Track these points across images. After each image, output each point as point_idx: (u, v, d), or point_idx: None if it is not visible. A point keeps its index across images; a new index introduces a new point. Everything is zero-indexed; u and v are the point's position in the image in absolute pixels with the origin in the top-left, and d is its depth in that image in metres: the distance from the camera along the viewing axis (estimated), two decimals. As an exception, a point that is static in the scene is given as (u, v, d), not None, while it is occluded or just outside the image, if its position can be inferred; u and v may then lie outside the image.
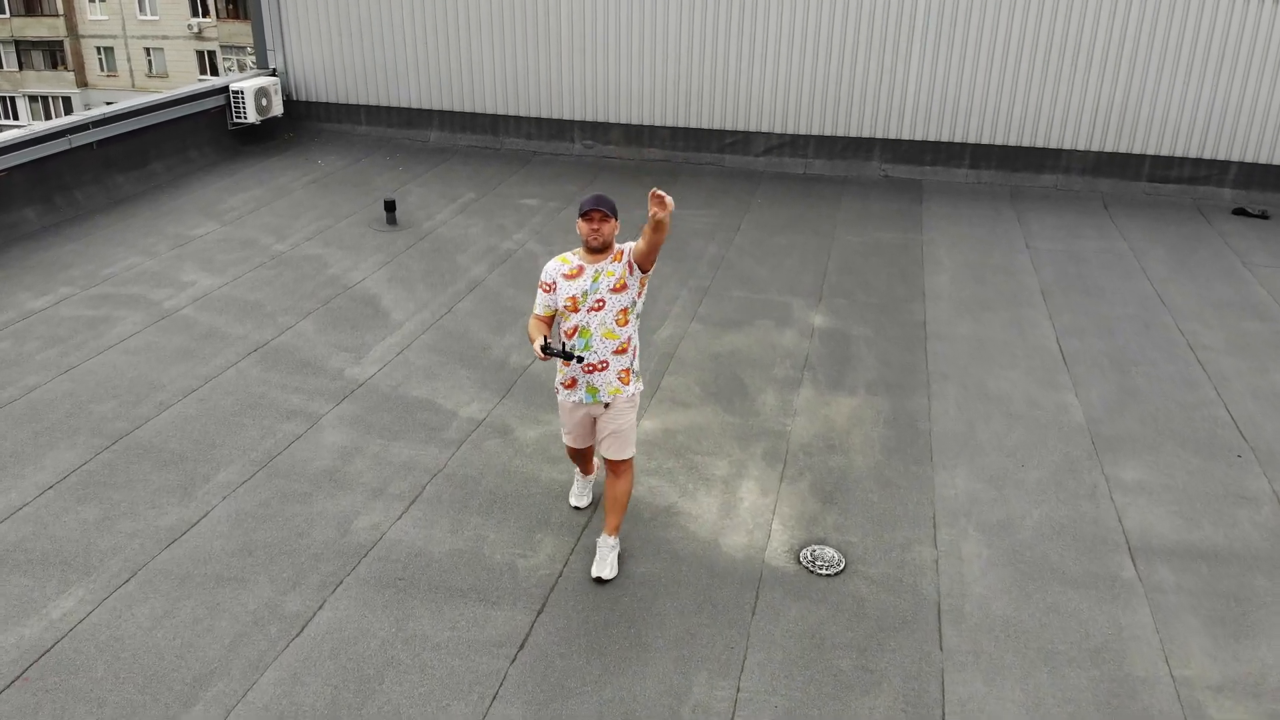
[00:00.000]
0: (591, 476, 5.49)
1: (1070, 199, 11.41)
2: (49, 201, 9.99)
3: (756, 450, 6.11)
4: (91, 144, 10.47)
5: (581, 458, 5.27)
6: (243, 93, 12.10)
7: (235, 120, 12.31)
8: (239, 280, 8.48)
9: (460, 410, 6.50)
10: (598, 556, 4.94)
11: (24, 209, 9.73)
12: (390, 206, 9.85)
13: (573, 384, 4.77)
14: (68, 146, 10.14)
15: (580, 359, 4.57)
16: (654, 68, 12.11)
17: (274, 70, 13.17)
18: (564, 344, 4.65)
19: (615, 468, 4.90)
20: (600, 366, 4.68)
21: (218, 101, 12.14)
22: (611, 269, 4.61)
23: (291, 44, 13.01)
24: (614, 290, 4.60)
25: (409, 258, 9.13)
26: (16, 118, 49.51)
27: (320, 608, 4.66)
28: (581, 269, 4.61)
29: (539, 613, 4.68)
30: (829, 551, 5.16)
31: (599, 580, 4.87)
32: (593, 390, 4.73)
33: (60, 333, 7.43)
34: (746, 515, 5.46)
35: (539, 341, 4.46)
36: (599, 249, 4.56)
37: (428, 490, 5.62)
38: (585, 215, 4.51)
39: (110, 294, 8.14)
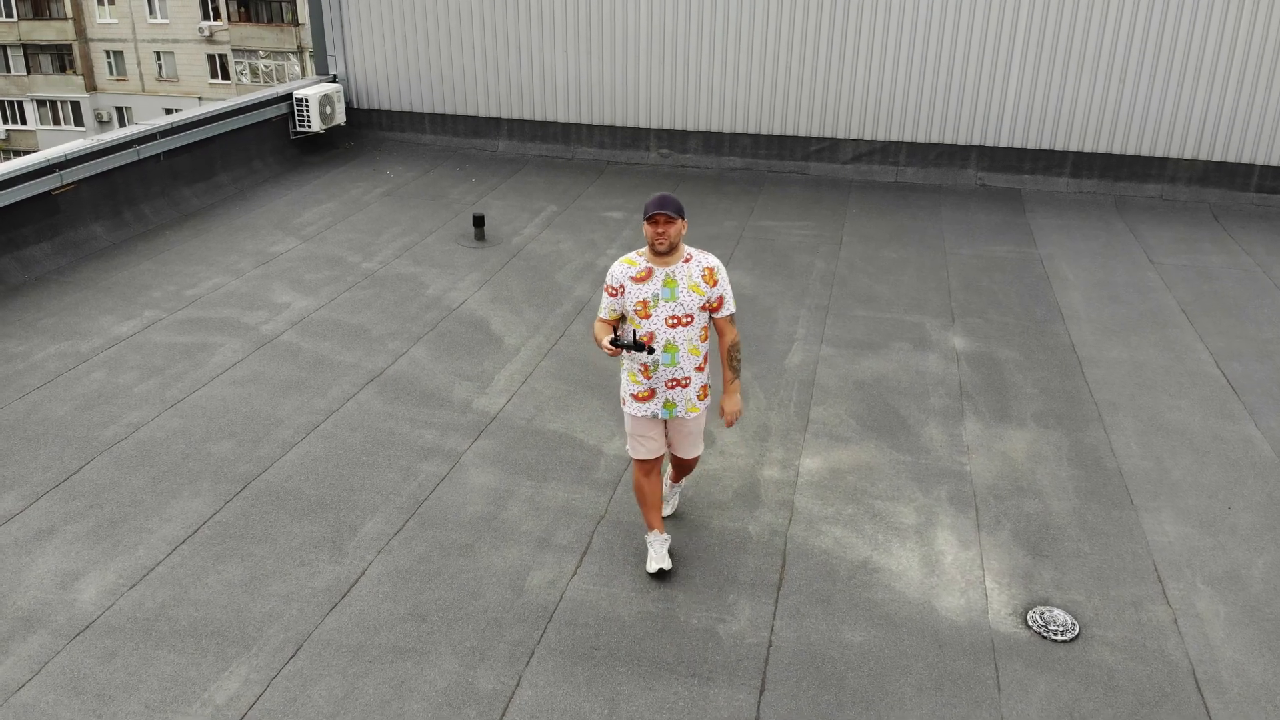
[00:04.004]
0: (666, 538, 4.91)
1: (1177, 210, 10.92)
2: (117, 216, 9.48)
3: (940, 493, 5.61)
4: (158, 155, 9.97)
5: (652, 485, 4.86)
6: (307, 100, 11.59)
7: (298, 129, 11.80)
8: (335, 302, 7.97)
9: (604, 447, 6.00)
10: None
11: (92, 224, 9.22)
12: (479, 222, 9.34)
13: (650, 395, 4.64)
14: (136, 158, 9.63)
15: (651, 350, 4.38)
16: (736, 72, 11.61)
17: (334, 76, 12.65)
18: (635, 335, 4.43)
19: (686, 465, 5.03)
20: (683, 383, 4.62)
21: (280, 110, 11.63)
22: (690, 275, 4.48)
23: (353, 50, 12.49)
24: (702, 309, 4.52)
25: (506, 276, 8.62)
26: (24, 122, 48.95)
27: (518, 684, 4.16)
28: (650, 271, 4.49)
29: (760, 690, 4.18)
30: (1059, 614, 4.66)
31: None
32: (670, 406, 4.66)
33: (156, 361, 6.92)
34: (954, 572, 4.96)
35: (609, 336, 4.40)
36: (666, 252, 4.42)
37: (596, 541, 5.11)
38: (650, 219, 4.35)
39: (200, 317, 7.63)
